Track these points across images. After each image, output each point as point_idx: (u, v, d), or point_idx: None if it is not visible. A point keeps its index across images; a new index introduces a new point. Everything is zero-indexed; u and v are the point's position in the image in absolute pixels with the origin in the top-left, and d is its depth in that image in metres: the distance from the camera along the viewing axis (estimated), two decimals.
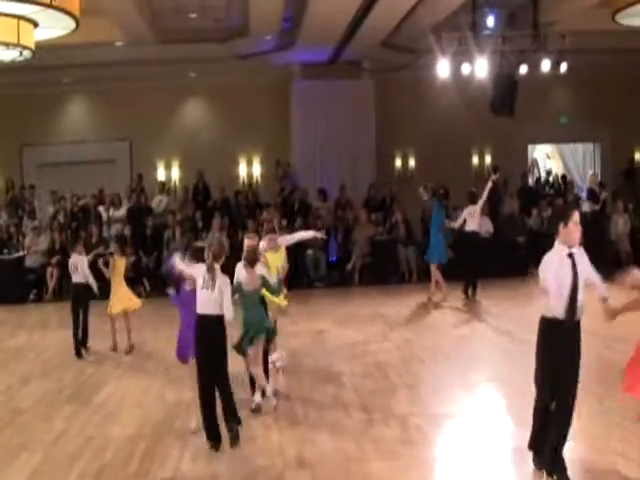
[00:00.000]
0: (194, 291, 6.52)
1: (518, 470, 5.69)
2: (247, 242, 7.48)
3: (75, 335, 10.23)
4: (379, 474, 5.58)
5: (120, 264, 10.42)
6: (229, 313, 6.22)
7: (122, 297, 10.33)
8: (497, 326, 11.24)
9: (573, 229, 5.20)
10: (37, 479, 5.81)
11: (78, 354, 10.15)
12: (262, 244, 7.89)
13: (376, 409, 7.19)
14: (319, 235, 10.00)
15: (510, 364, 8.99)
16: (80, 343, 10.24)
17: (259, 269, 7.27)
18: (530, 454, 5.57)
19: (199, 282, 6.32)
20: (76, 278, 10.42)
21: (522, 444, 6.05)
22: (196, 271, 6.43)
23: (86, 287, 10.39)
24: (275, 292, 7.44)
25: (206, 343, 6.26)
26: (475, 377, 8.32)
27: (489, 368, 8.83)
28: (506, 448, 6.11)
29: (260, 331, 7.13)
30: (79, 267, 10.36)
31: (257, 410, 7.21)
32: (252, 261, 7.09)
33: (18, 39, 11.36)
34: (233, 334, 6.98)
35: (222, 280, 6.28)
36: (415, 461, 5.83)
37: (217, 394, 6.35)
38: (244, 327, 7.15)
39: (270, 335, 7.40)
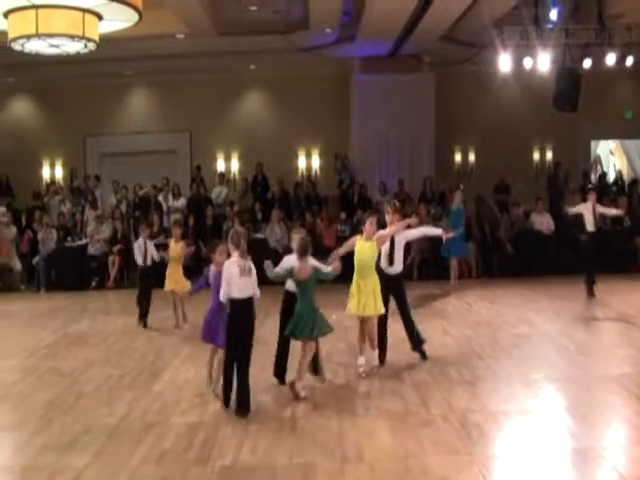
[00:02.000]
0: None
1: (579, 471, 5.60)
2: (296, 237, 7.78)
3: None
4: (438, 470, 5.55)
5: (176, 248, 11.40)
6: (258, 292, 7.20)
7: (170, 277, 11.31)
8: (556, 325, 11.06)
9: None
10: (101, 461, 5.92)
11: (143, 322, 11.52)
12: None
13: (435, 405, 7.16)
14: (445, 235, 9.91)
15: (569, 363, 8.87)
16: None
17: (311, 261, 7.60)
18: (591, 455, 5.43)
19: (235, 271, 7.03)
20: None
21: (583, 445, 5.99)
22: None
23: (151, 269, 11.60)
24: (329, 278, 7.67)
25: (245, 322, 7.08)
26: (534, 375, 8.19)
27: (549, 366, 8.68)
28: (566, 448, 6.00)
29: (304, 327, 7.42)
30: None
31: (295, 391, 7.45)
32: (302, 252, 7.46)
33: (83, 32, 11.63)
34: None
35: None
36: (474, 458, 5.78)
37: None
38: (296, 315, 7.48)
39: (315, 332, 7.52)
